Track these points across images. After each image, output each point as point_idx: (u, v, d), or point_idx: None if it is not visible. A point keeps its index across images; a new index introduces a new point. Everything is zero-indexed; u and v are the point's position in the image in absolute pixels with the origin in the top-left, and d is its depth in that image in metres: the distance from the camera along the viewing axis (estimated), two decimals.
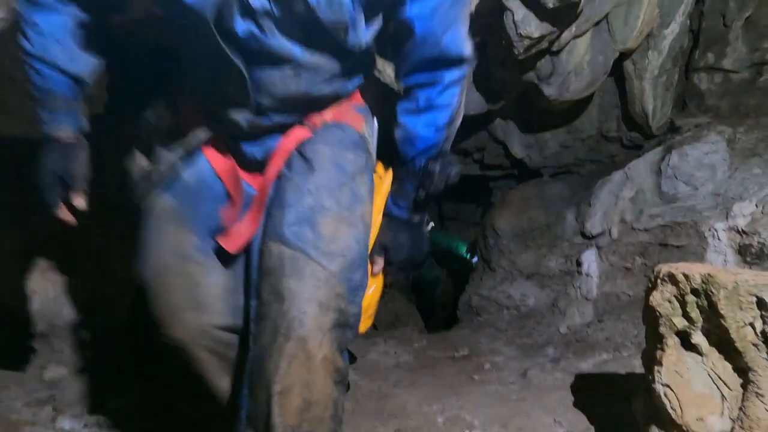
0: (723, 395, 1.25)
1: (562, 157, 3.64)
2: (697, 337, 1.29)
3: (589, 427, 1.69)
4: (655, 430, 1.36)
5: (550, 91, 2.79)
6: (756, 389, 1.19)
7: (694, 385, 1.28)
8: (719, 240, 2.41)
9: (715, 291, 1.22)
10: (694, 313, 1.29)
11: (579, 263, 2.96)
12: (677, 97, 3.21)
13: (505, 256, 3.47)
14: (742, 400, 1.22)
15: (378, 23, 1.06)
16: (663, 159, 2.85)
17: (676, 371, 1.30)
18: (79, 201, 1.10)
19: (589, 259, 2.91)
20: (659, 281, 1.37)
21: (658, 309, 1.35)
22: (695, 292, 1.28)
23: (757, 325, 1.18)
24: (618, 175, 3.01)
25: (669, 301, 1.34)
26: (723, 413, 1.24)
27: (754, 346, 1.19)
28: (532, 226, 3.40)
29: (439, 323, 4.12)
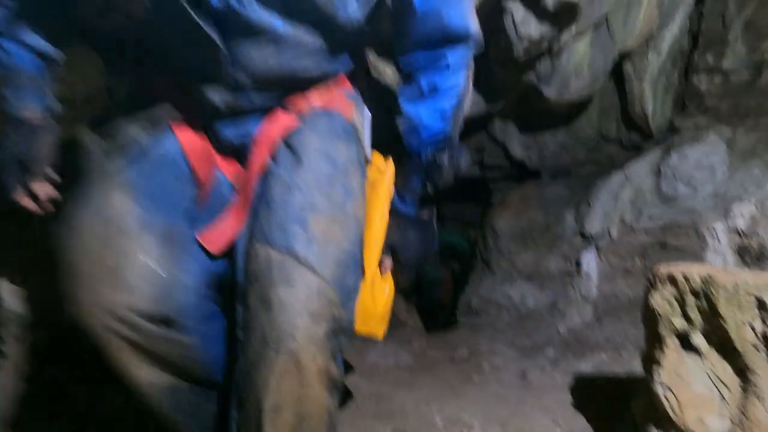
0: (722, 396, 1.25)
1: (562, 158, 3.64)
2: (697, 338, 1.29)
3: (588, 428, 1.69)
4: (654, 431, 1.36)
5: (549, 92, 2.79)
6: (756, 390, 1.18)
7: (694, 386, 1.28)
8: (719, 241, 2.41)
9: (714, 292, 1.22)
10: (694, 314, 1.28)
11: (578, 264, 2.96)
12: (677, 98, 3.21)
13: (505, 257, 3.47)
14: (742, 401, 1.22)
15: None
16: (662, 160, 2.85)
17: (676, 372, 1.30)
18: (41, 187, 1.00)
19: (589, 260, 2.91)
20: (659, 282, 1.36)
21: (658, 310, 1.35)
22: (695, 293, 1.28)
23: (757, 326, 1.18)
24: (617, 176, 3.01)
25: (668, 302, 1.33)
26: (722, 414, 1.24)
27: (754, 347, 1.19)
28: (532, 227, 3.40)
29: (440, 324, 4.11)
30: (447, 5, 1.00)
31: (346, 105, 1.08)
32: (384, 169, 1.17)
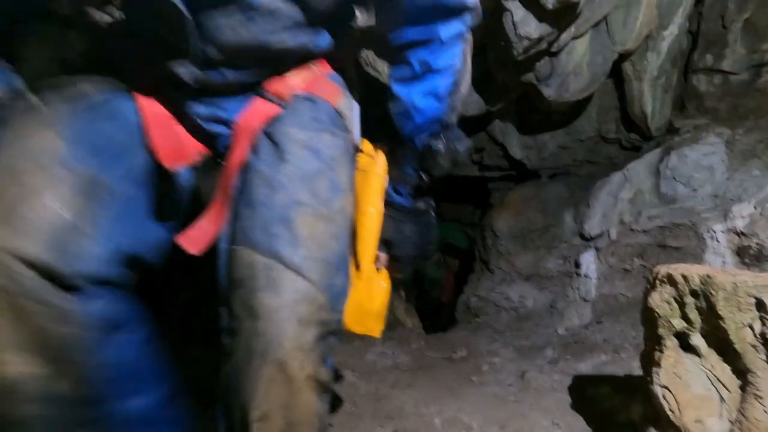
0: (722, 397, 1.24)
1: (561, 159, 3.64)
2: (696, 339, 1.28)
3: (588, 429, 1.68)
4: None
5: (549, 92, 2.79)
6: (755, 391, 1.18)
7: (693, 387, 1.27)
8: (718, 241, 2.41)
9: (713, 292, 1.22)
10: (693, 315, 1.28)
11: (577, 264, 2.96)
12: (676, 98, 3.21)
13: (504, 258, 3.46)
14: (741, 402, 1.21)
15: None
16: (662, 160, 2.85)
17: (675, 373, 1.30)
18: None
19: (588, 261, 2.90)
20: (658, 282, 1.36)
21: (657, 310, 1.34)
22: (694, 293, 1.28)
23: (756, 326, 1.18)
24: (617, 177, 3.01)
25: (668, 303, 1.33)
26: (722, 415, 1.24)
27: (753, 347, 1.18)
28: (531, 228, 3.40)
29: (439, 324, 4.11)
30: None
31: (331, 90, 0.98)
32: (376, 159, 1.10)
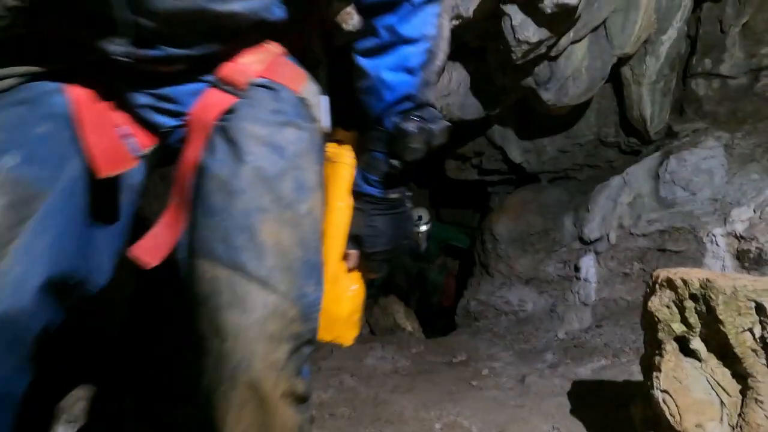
0: (722, 401, 1.24)
1: (560, 162, 3.65)
2: (696, 343, 1.28)
3: None
4: None
5: (548, 96, 2.80)
6: (755, 395, 1.18)
7: (693, 392, 1.27)
8: (717, 245, 2.41)
9: (713, 296, 1.22)
10: (693, 319, 1.28)
11: (577, 268, 2.96)
12: (675, 102, 3.22)
13: (503, 262, 3.46)
14: (742, 407, 1.21)
15: None
16: (661, 164, 2.85)
17: (675, 377, 1.29)
18: None
19: (588, 265, 2.90)
20: (657, 286, 1.36)
21: (657, 314, 1.34)
22: (694, 297, 1.27)
23: (756, 330, 1.17)
24: (616, 181, 3.01)
25: (667, 307, 1.33)
26: (722, 420, 1.23)
27: (753, 351, 1.18)
28: (530, 231, 3.40)
29: (439, 328, 4.10)
30: None
31: (293, 74, 0.86)
32: (345, 146, 0.98)
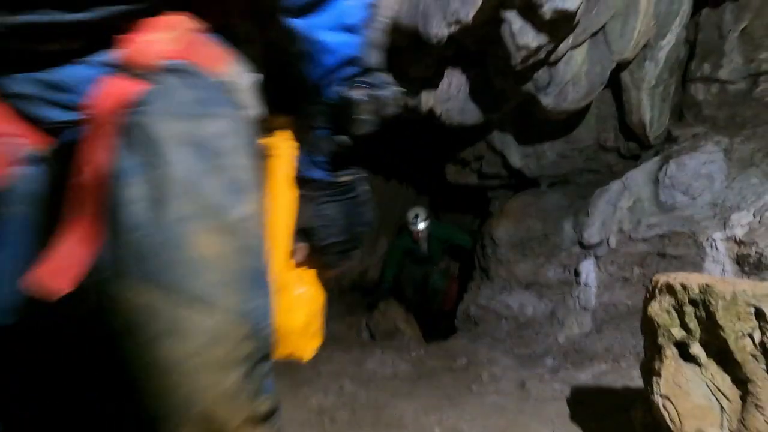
0: (722, 407, 1.24)
1: (560, 167, 3.65)
2: (696, 348, 1.28)
3: None
4: None
5: (547, 101, 2.81)
6: (755, 401, 1.18)
7: (693, 397, 1.27)
8: (717, 250, 2.41)
9: (713, 301, 1.22)
10: (693, 324, 1.28)
11: (577, 273, 2.96)
12: (674, 107, 3.23)
13: (504, 266, 3.46)
14: (742, 412, 1.21)
15: None
16: (661, 169, 2.85)
17: (675, 382, 1.29)
18: None
19: (588, 269, 2.90)
20: (657, 291, 1.36)
21: (656, 319, 1.34)
22: (693, 302, 1.28)
23: (756, 336, 1.17)
24: (616, 185, 3.02)
25: (667, 312, 1.33)
26: (722, 425, 1.23)
27: (753, 357, 1.18)
28: (530, 236, 3.40)
29: (439, 333, 4.09)
30: None
31: (214, 55, 0.73)
32: (280, 132, 0.85)
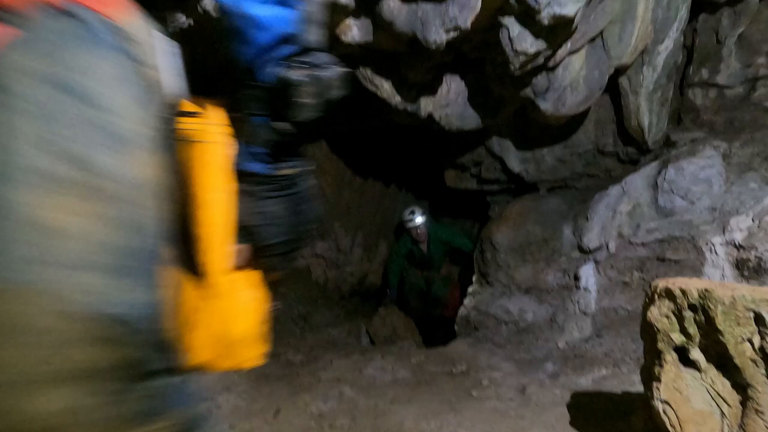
0: (722, 412, 1.24)
1: (559, 172, 3.66)
2: (696, 353, 1.28)
3: None
4: None
5: (546, 106, 2.81)
6: (755, 406, 1.18)
7: (694, 402, 1.27)
8: (716, 254, 2.41)
9: (712, 306, 1.22)
10: (692, 329, 1.28)
11: (577, 278, 2.95)
12: (672, 112, 3.24)
13: (503, 271, 3.46)
14: (742, 417, 1.21)
15: None
16: (659, 173, 2.86)
17: (675, 388, 1.29)
18: None
19: (587, 274, 2.90)
20: (656, 296, 1.36)
21: (656, 324, 1.34)
22: (692, 307, 1.28)
23: (756, 340, 1.17)
24: (615, 190, 3.02)
25: (666, 317, 1.33)
26: (723, 430, 1.23)
27: (753, 362, 1.18)
28: (530, 240, 3.40)
29: (439, 338, 4.07)
30: None
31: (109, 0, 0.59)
32: (211, 120, 0.76)
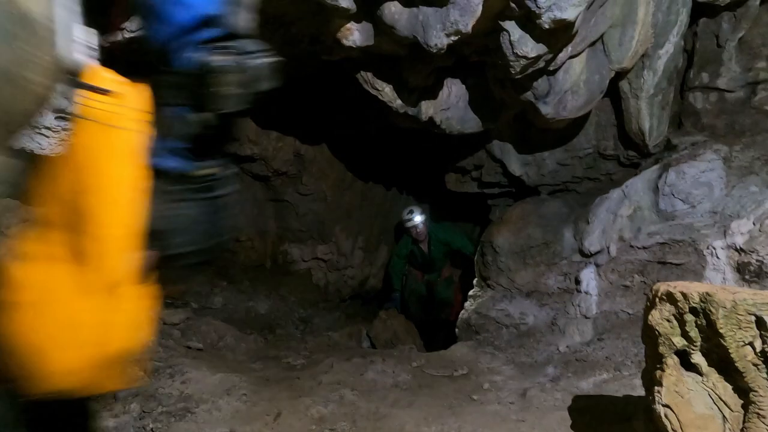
0: (724, 416, 1.23)
1: (560, 175, 3.66)
2: (697, 357, 1.28)
3: None
4: None
5: (547, 109, 2.82)
6: (757, 410, 1.17)
7: (695, 406, 1.26)
8: (718, 258, 2.41)
9: (713, 310, 1.22)
10: (693, 333, 1.28)
11: (578, 281, 2.95)
12: (673, 115, 3.24)
13: (504, 274, 3.45)
14: (744, 422, 1.20)
15: None
16: (660, 177, 2.86)
17: (677, 392, 1.29)
18: None
19: (588, 277, 2.90)
20: (657, 300, 1.36)
21: (657, 328, 1.34)
22: (694, 311, 1.27)
23: (757, 344, 1.17)
24: (616, 193, 3.02)
25: (668, 320, 1.33)
26: None
27: (755, 366, 1.18)
28: (531, 244, 3.40)
29: (440, 342, 4.05)
30: None
31: None
32: (130, 100, 0.67)
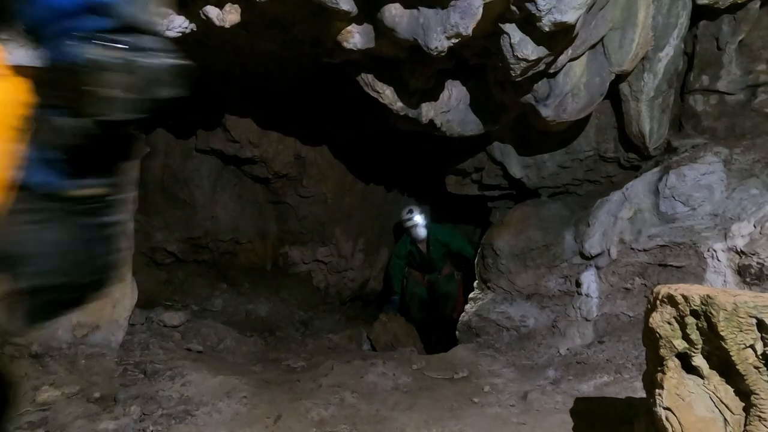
0: (725, 419, 1.23)
1: (560, 177, 3.66)
2: (698, 360, 1.27)
3: None
4: None
5: (547, 112, 2.82)
6: (758, 413, 1.17)
7: (696, 409, 1.26)
8: (718, 260, 2.41)
9: (714, 313, 1.21)
10: (694, 335, 1.27)
11: (578, 284, 2.95)
12: (673, 118, 3.24)
13: (504, 277, 3.45)
14: (745, 424, 1.20)
15: None
16: (661, 179, 2.86)
17: (678, 394, 1.29)
18: None
19: (589, 280, 2.89)
20: (658, 303, 1.36)
21: (658, 331, 1.34)
22: (695, 313, 1.27)
23: (758, 347, 1.17)
24: (616, 196, 3.02)
25: (668, 323, 1.33)
26: None
27: (756, 368, 1.18)
28: (531, 246, 3.40)
29: (440, 343, 4.04)
30: None
31: None
32: (12, 88, 0.57)
